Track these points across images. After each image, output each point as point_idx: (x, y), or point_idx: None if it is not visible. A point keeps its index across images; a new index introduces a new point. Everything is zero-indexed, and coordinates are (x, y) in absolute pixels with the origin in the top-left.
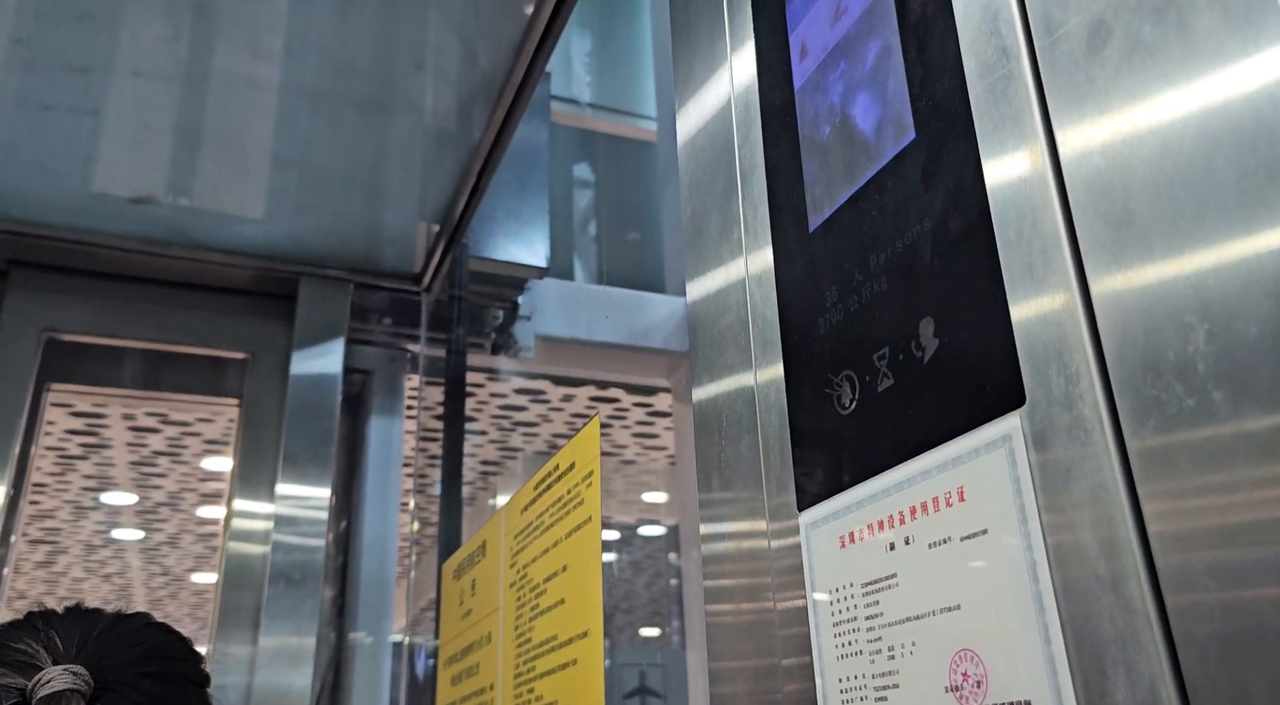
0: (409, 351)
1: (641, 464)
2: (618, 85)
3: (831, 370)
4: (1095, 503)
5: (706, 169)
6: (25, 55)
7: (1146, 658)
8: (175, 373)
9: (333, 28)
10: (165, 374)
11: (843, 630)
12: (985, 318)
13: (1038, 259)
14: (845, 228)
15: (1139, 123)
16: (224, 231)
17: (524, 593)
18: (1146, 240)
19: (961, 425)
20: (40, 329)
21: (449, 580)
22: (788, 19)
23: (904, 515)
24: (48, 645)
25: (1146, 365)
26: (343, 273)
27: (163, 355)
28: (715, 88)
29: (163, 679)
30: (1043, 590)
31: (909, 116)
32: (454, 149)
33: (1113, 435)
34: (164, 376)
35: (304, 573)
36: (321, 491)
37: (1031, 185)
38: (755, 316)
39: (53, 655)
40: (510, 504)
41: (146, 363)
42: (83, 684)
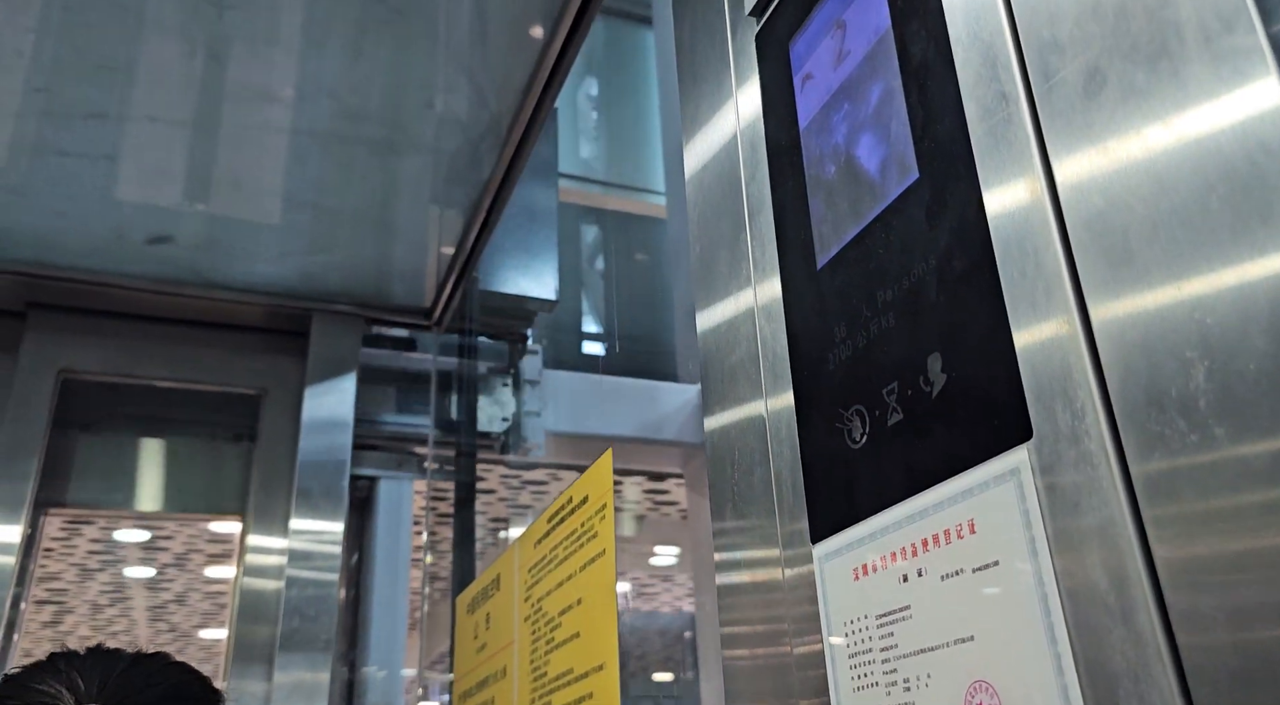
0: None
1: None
2: (626, 162)
3: (842, 404)
4: (1104, 536)
5: (715, 205)
6: (45, 103)
7: (1159, 691)
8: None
9: (344, 72)
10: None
11: (858, 662)
12: (991, 353)
13: (1041, 296)
14: (852, 264)
15: (1136, 165)
16: (237, 270)
17: (539, 626)
18: (1146, 278)
19: (971, 458)
20: (58, 370)
21: (463, 614)
22: (792, 60)
23: (916, 547)
24: (70, 685)
25: (1150, 400)
26: (354, 308)
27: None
28: (722, 126)
29: None
30: (1054, 622)
31: (912, 157)
32: (463, 186)
33: (1119, 469)
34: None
35: (318, 607)
36: (335, 526)
37: (1033, 224)
38: (765, 351)
39: (75, 695)
40: (524, 537)
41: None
42: None
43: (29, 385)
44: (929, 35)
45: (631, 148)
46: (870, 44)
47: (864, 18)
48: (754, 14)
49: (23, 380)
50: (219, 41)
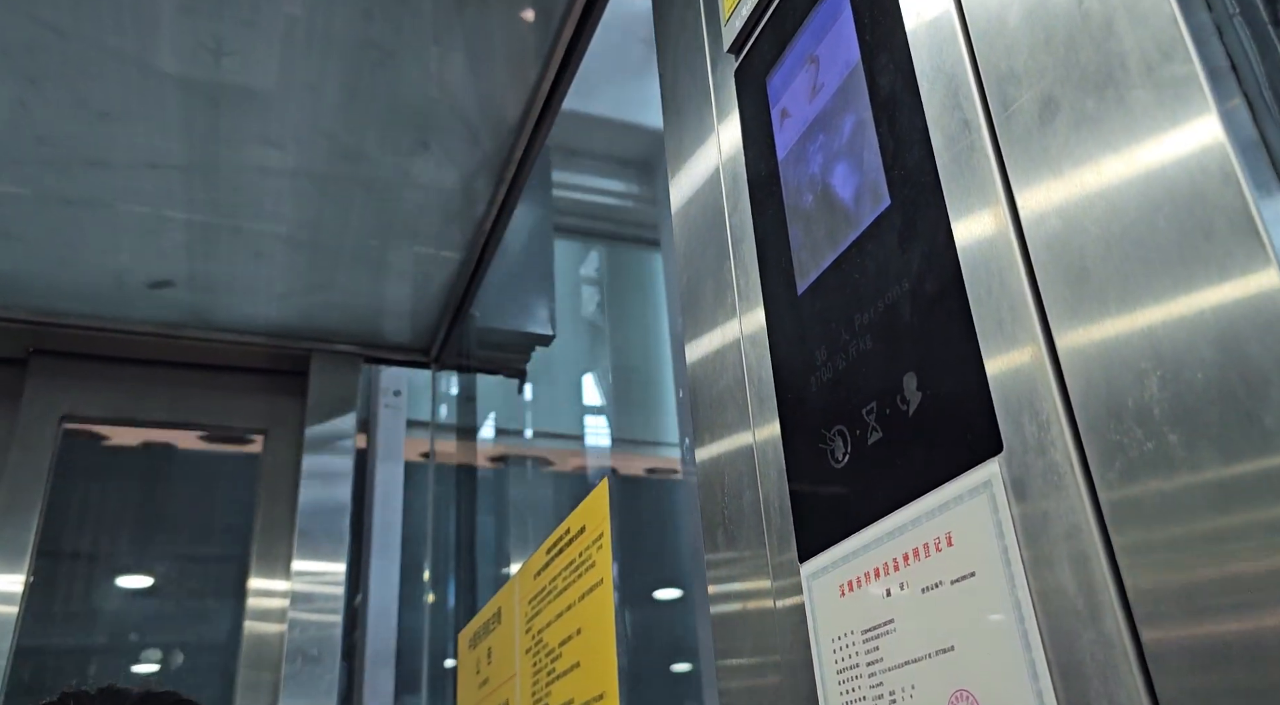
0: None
1: None
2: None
3: (824, 425)
4: (1070, 541)
5: (700, 237)
6: (49, 153)
7: (1126, 689)
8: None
9: (339, 114)
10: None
11: (846, 677)
12: (962, 371)
13: (1006, 314)
14: (831, 290)
15: (1089, 187)
16: (237, 312)
17: (540, 658)
18: (1102, 294)
19: (946, 473)
20: (60, 415)
21: (465, 649)
22: (769, 94)
23: (898, 562)
24: None
25: (1109, 411)
26: (353, 347)
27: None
28: (704, 160)
29: None
30: (1028, 628)
31: (884, 185)
32: (459, 225)
33: (1083, 477)
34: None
35: (321, 649)
36: (336, 567)
37: (997, 246)
38: (751, 376)
39: None
40: (523, 570)
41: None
42: None
43: (31, 431)
44: (896, 68)
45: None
46: (842, 77)
47: (835, 52)
48: (732, 51)
49: (25, 427)
50: (216, 87)
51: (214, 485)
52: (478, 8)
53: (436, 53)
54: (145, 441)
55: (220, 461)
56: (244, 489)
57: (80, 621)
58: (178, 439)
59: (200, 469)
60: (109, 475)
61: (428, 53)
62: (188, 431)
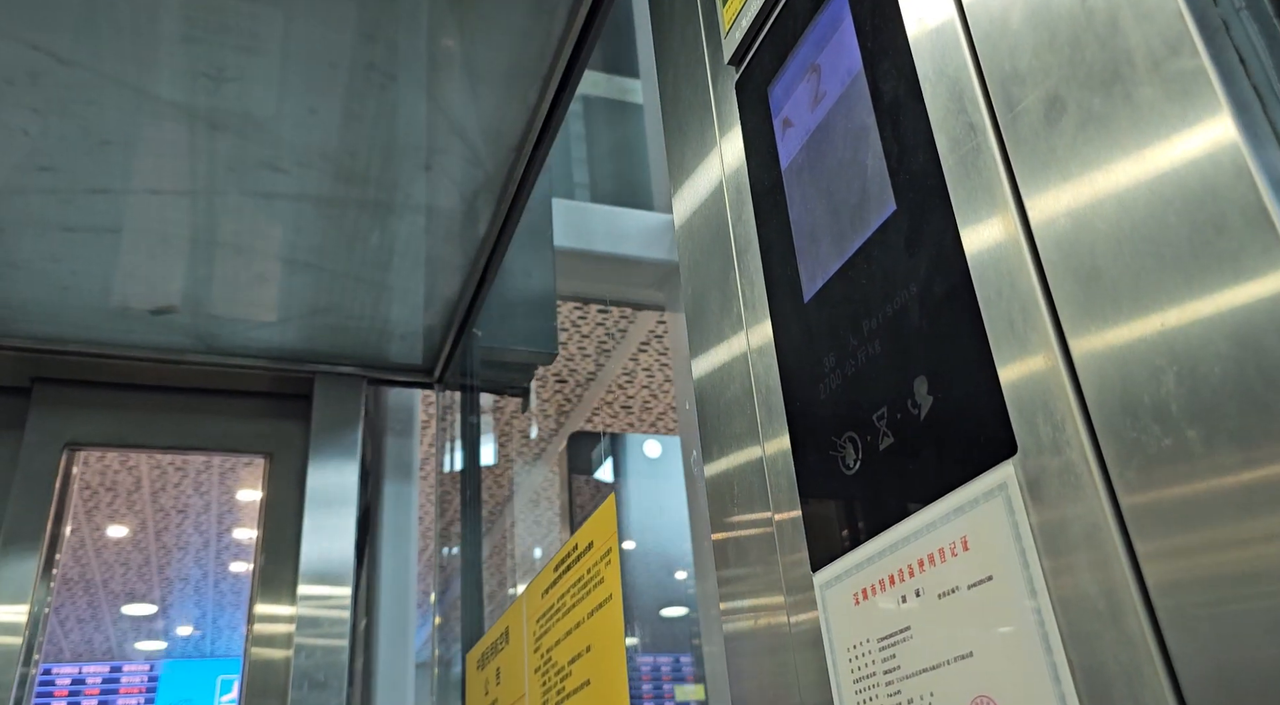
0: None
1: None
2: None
3: (834, 433)
4: (1090, 542)
5: (704, 249)
6: (51, 181)
7: (1150, 689)
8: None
9: (339, 137)
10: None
11: (863, 686)
12: (974, 373)
13: (1017, 315)
14: (838, 296)
15: (1098, 187)
16: (240, 336)
17: (549, 677)
18: (1114, 293)
19: (960, 477)
20: (64, 443)
21: (473, 671)
22: (771, 105)
23: (913, 568)
24: None
25: (1125, 409)
26: (356, 369)
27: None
28: (707, 172)
29: None
30: (1049, 631)
31: (889, 190)
32: (460, 245)
33: (1100, 477)
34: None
35: (327, 674)
36: (342, 591)
37: (1006, 247)
38: (759, 386)
39: None
40: (531, 587)
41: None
42: None
43: (35, 460)
44: (898, 73)
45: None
46: (844, 85)
47: (837, 60)
48: (733, 63)
49: (29, 454)
50: (216, 113)
51: None
52: (477, 29)
53: (436, 75)
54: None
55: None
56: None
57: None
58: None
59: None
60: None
61: (427, 75)
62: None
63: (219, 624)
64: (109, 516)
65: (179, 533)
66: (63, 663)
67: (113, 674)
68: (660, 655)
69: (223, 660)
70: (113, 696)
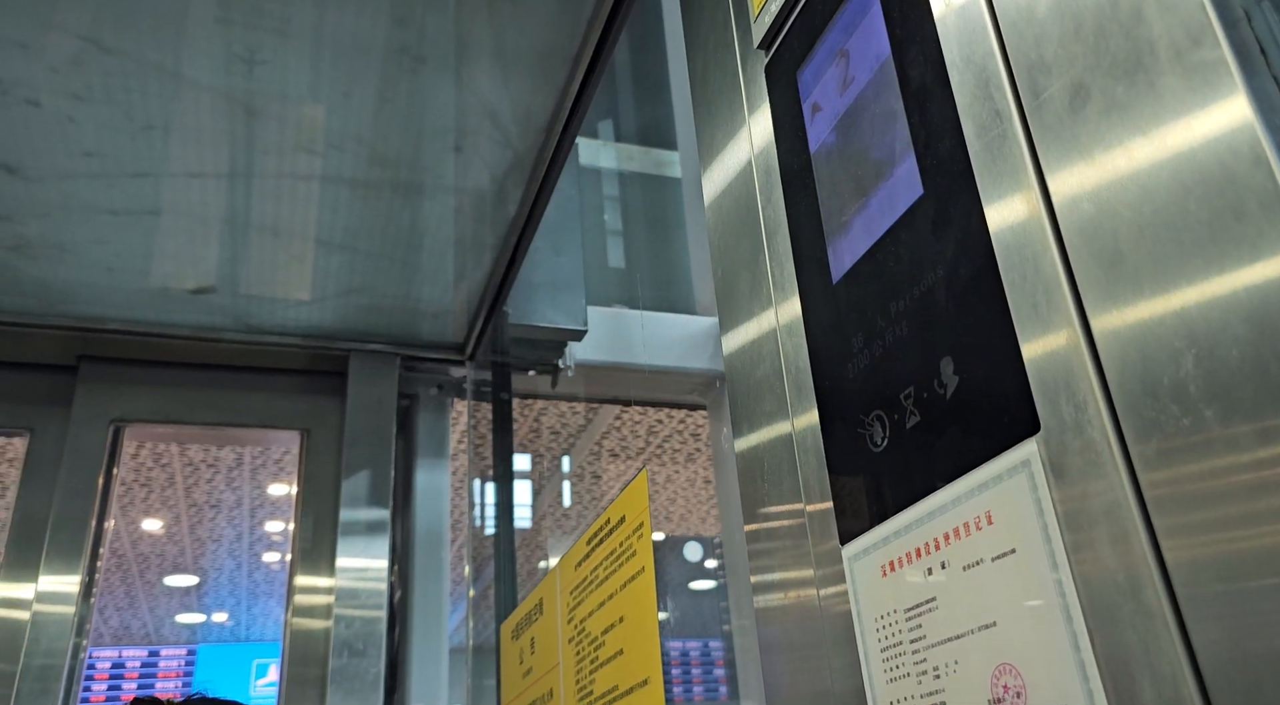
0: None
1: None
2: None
3: (863, 411)
4: (1109, 516)
5: (734, 230)
6: (95, 166)
7: (1167, 658)
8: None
9: (371, 120)
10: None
11: (890, 655)
12: (998, 354)
13: (1041, 298)
14: (866, 278)
15: (1120, 172)
16: (277, 316)
17: (583, 646)
18: (1136, 276)
19: (985, 454)
20: (109, 420)
21: (508, 640)
22: (800, 89)
23: (939, 541)
24: None
25: (1145, 389)
26: (389, 347)
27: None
28: (736, 154)
29: None
30: (1069, 602)
31: (916, 175)
32: (490, 224)
33: (1120, 454)
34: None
35: (366, 643)
36: (379, 562)
37: (1030, 231)
38: (788, 366)
39: None
40: (564, 561)
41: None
42: None
43: (83, 435)
44: (926, 60)
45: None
46: (873, 71)
47: (865, 46)
48: (762, 47)
49: (77, 431)
50: (252, 96)
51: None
52: (506, 12)
53: (466, 58)
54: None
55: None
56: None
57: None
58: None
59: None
60: None
61: (458, 58)
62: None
63: (253, 612)
64: (144, 510)
65: (212, 526)
66: (103, 646)
67: (151, 657)
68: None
69: (258, 645)
70: (151, 679)
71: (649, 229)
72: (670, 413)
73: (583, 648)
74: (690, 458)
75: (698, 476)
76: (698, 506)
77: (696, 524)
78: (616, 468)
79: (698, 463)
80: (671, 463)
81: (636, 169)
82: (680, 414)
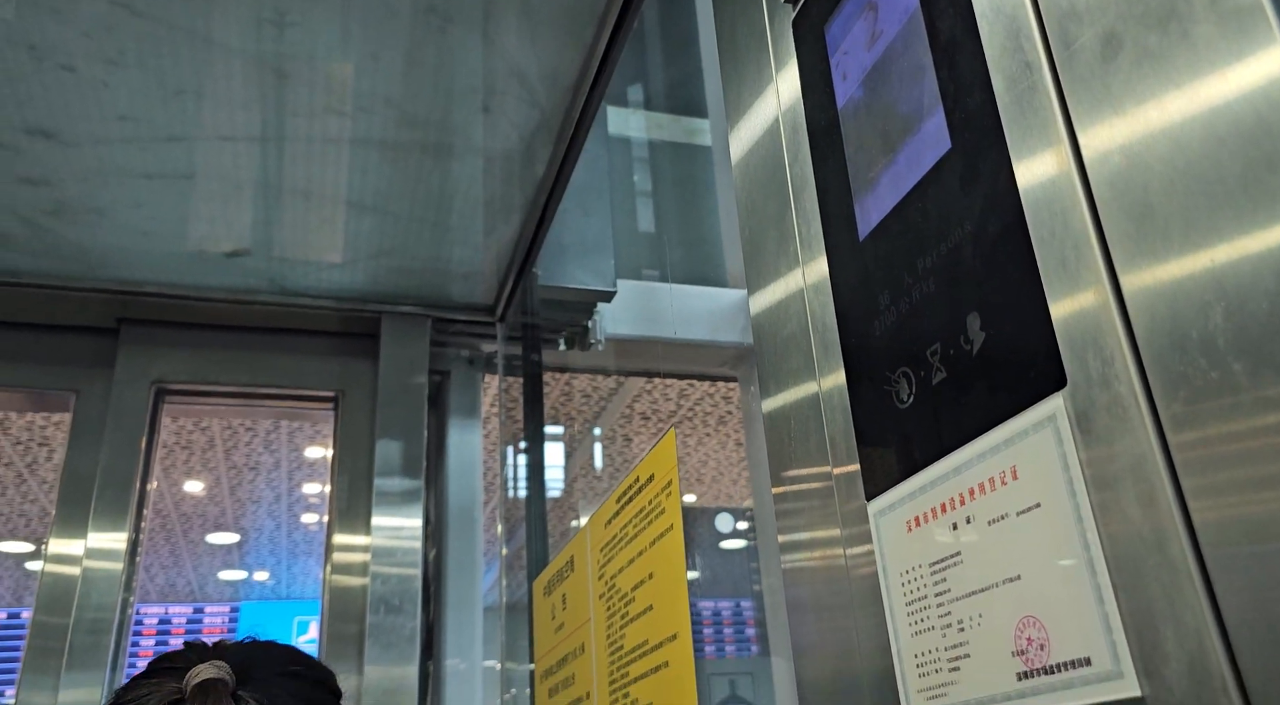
0: (484, 354)
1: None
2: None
3: (889, 368)
4: (1135, 471)
5: (761, 188)
6: (130, 130)
7: (1192, 611)
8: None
9: (399, 81)
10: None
11: (915, 608)
12: (1026, 309)
13: (1070, 252)
14: (893, 235)
15: (1152, 124)
16: (310, 278)
17: (613, 602)
18: (1166, 229)
19: (1010, 409)
20: (151, 381)
21: (540, 596)
22: (828, 44)
23: (964, 496)
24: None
25: (1174, 343)
26: (421, 309)
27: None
28: (763, 111)
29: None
30: (1094, 556)
31: (945, 129)
32: (519, 185)
33: (1148, 408)
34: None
35: (402, 598)
36: (414, 521)
37: (1060, 185)
38: (815, 323)
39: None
40: (594, 518)
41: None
42: (226, 674)
43: (125, 397)
44: (955, 12)
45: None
46: (901, 24)
47: None
48: (789, 1)
49: (119, 393)
50: (282, 59)
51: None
52: None
53: (493, 17)
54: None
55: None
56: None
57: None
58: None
59: None
60: None
61: (485, 17)
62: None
63: (293, 570)
64: (185, 472)
65: (251, 488)
66: (149, 602)
67: (196, 614)
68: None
69: (298, 602)
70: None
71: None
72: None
73: (613, 603)
74: (721, 421)
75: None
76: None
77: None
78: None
79: (729, 425)
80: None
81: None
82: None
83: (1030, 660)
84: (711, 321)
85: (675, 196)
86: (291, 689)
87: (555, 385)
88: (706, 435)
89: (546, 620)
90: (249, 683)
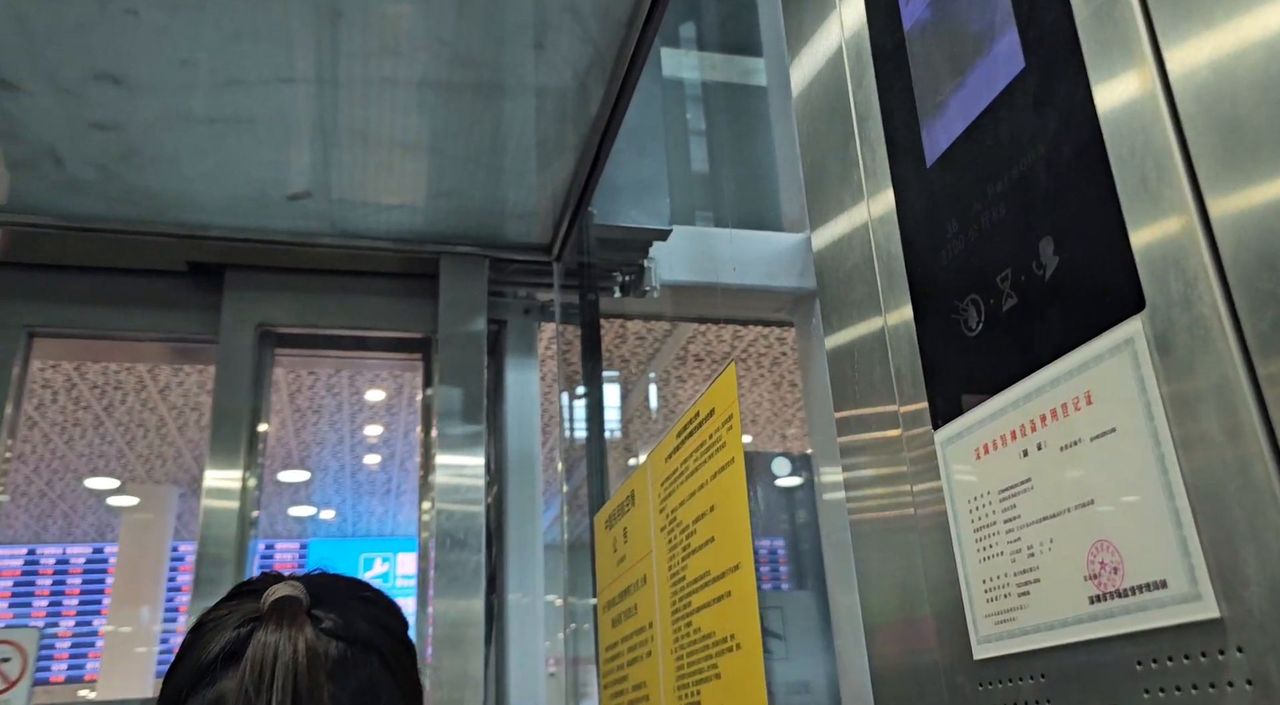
0: (542, 303)
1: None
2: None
3: (957, 296)
4: (1218, 393)
5: (823, 117)
6: (190, 76)
7: (1276, 534)
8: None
9: (453, 21)
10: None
11: (983, 534)
12: (1103, 232)
13: (1151, 171)
14: (962, 160)
15: (1243, 34)
16: (369, 220)
17: (675, 535)
18: (1255, 144)
19: (1085, 334)
20: (255, 323)
21: (601, 530)
22: None
23: (1035, 423)
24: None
25: (1262, 261)
26: (478, 249)
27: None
28: (826, 37)
29: (371, 602)
30: (1172, 480)
31: (1018, 47)
32: (573, 123)
33: (1232, 328)
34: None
35: (466, 533)
36: (475, 460)
37: (1141, 102)
38: (880, 254)
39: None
40: (654, 453)
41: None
42: (302, 593)
43: (232, 340)
44: None
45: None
46: None
47: None
48: None
49: (226, 336)
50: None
51: None
52: None
53: None
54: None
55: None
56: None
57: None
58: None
59: None
60: None
61: None
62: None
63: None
64: None
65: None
66: None
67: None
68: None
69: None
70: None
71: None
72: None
73: (674, 536)
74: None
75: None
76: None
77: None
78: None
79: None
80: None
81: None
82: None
83: (1103, 584)
84: (768, 266)
85: (730, 140)
86: (363, 611)
87: (610, 328)
88: (760, 377)
89: (609, 553)
90: (323, 604)
